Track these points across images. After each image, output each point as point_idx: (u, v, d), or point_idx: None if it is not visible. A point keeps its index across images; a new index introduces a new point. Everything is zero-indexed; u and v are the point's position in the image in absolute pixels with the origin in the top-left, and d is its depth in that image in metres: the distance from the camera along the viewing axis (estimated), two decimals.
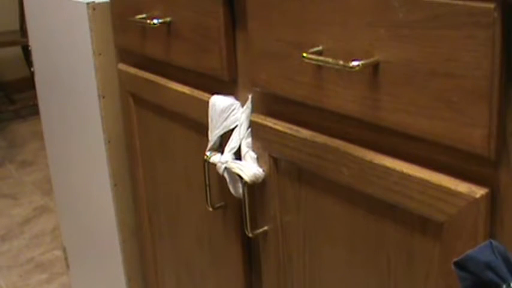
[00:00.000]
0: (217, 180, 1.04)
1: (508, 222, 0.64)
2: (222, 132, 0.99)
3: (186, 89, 1.08)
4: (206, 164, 1.02)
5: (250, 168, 0.93)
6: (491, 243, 0.54)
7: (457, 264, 0.55)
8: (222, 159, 0.98)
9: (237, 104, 0.97)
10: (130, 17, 1.15)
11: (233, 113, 0.97)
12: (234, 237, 1.06)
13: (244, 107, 0.95)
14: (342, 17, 0.73)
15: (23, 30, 3.48)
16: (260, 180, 0.93)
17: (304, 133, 0.84)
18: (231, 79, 0.98)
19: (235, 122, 0.97)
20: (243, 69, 0.96)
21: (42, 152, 3.11)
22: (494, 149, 0.62)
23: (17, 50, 3.83)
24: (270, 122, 0.89)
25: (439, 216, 0.68)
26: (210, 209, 1.07)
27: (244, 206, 0.96)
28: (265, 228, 0.96)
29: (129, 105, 1.29)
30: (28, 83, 2.95)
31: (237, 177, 0.96)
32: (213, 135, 1.00)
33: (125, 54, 1.29)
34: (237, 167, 0.94)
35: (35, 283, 2.13)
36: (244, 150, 0.95)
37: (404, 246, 0.75)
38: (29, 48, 1.70)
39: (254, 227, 0.97)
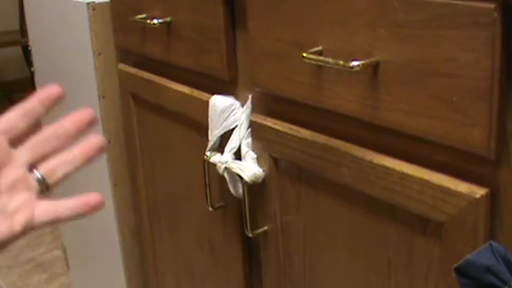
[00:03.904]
0: (217, 180, 1.04)
1: (508, 222, 0.64)
2: (222, 132, 0.98)
3: (186, 89, 1.08)
4: (206, 164, 1.02)
5: (250, 168, 0.93)
6: (491, 245, 0.54)
7: (457, 270, 0.55)
8: (222, 159, 0.98)
9: (237, 104, 0.97)
10: (130, 17, 1.15)
11: (233, 113, 0.97)
12: (234, 237, 1.06)
13: (244, 107, 0.95)
14: (342, 17, 0.73)
15: (23, 30, 3.47)
16: (260, 180, 0.93)
17: (304, 133, 0.84)
18: (231, 79, 0.98)
19: (235, 122, 0.97)
20: (243, 69, 0.96)
21: None
22: (494, 149, 0.62)
23: (17, 50, 3.82)
24: (270, 122, 0.89)
25: (439, 216, 0.68)
26: (210, 209, 1.07)
27: (244, 206, 0.96)
28: (265, 228, 0.96)
29: (129, 105, 1.29)
30: (28, 83, 2.95)
31: (237, 177, 0.96)
32: (213, 135, 1.00)
33: (124, 54, 1.29)
34: (237, 167, 0.94)
35: (35, 283, 2.13)
36: (244, 150, 0.95)
37: (404, 246, 0.75)
38: (29, 48, 1.70)
39: (254, 227, 0.97)
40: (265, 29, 0.85)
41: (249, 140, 0.95)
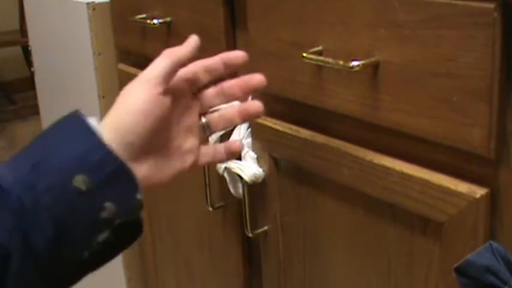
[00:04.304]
0: (217, 180, 1.04)
1: (508, 222, 0.64)
2: (222, 132, 0.98)
3: None
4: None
5: (250, 168, 0.93)
6: (491, 245, 0.54)
7: (457, 270, 0.55)
8: None
9: (237, 104, 0.97)
10: (130, 17, 1.15)
11: None
12: (234, 237, 1.06)
13: None
14: (342, 17, 0.73)
15: (23, 30, 3.47)
16: (260, 180, 0.93)
17: (304, 133, 0.84)
18: (231, 79, 0.98)
19: None
20: (243, 69, 0.96)
21: None
22: (494, 149, 0.62)
23: (17, 50, 3.83)
24: (270, 122, 0.89)
25: (439, 216, 0.68)
26: (210, 209, 1.07)
27: (244, 206, 0.96)
28: (265, 228, 0.96)
29: None
30: (28, 83, 2.95)
31: (237, 177, 0.96)
32: (213, 135, 1.00)
33: (125, 54, 1.29)
34: (237, 167, 0.94)
35: None
36: (244, 150, 0.95)
37: (404, 246, 0.75)
38: (29, 48, 1.70)
39: (254, 227, 0.97)
40: (265, 29, 0.85)
41: (249, 140, 0.95)
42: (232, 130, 0.97)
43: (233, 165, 0.95)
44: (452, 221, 0.66)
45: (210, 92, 0.64)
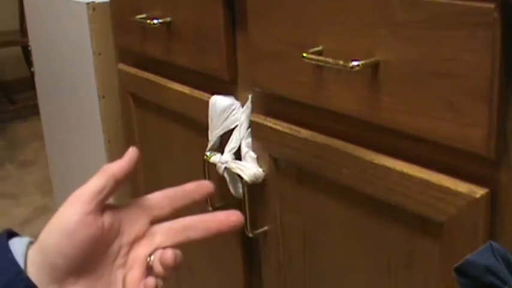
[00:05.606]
0: (217, 180, 1.04)
1: (508, 222, 0.64)
2: (222, 132, 0.98)
3: (186, 89, 1.08)
4: (206, 164, 1.02)
5: (250, 168, 0.93)
6: (491, 245, 0.54)
7: (457, 270, 0.55)
8: (222, 159, 0.98)
9: (237, 104, 0.97)
10: (130, 17, 1.15)
11: (233, 113, 0.97)
12: (234, 237, 1.06)
13: (244, 107, 0.95)
14: (342, 17, 0.73)
15: (23, 30, 3.47)
16: (260, 180, 0.93)
17: (304, 133, 0.84)
18: (231, 79, 0.98)
19: (235, 122, 0.97)
20: (243, 69, 0.96)
21: (42, 152, 3.10)
22: (494, 149, 0.62)
23: (17, 50, 3.82)
24: (270, 122, 0.89)
25: (439, 216, 0.68)
26: (210, 209, 1.07)
27: (244, 206, 0.96)
28: (265, 228, 0.96)
29: (129, 105, 1.29)
30: (28, 83, 2.95)
31: (237, 177, 0.96)
32: (213, 135, 1.00)
33: (125, 54, 1.29)
34: (237, 167, 0.94)
35: None
36: (244, 150, 0.95)
37: (405, 246, 0.75)
38: (29, 48, 1.71)
39: (254, 227, 0.97)
40: (265, 29, 0.85)
41: (249, 140, 0.95)
42: (233, 130, 0.97)
43: (233, 165, 0.95)
44: (452, 221, 0.66)
45: (175, 226, 0.59)
